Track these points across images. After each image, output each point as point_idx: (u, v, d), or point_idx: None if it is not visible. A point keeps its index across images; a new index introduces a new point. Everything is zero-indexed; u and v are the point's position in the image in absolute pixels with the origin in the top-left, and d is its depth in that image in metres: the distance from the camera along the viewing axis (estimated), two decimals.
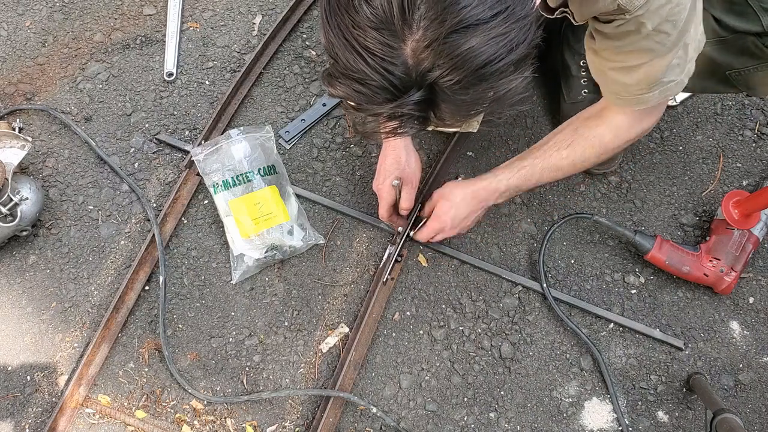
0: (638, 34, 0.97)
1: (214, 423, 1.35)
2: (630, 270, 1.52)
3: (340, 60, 0.74)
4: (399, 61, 0.71)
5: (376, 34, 0.70)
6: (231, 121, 1.61)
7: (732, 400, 1.43)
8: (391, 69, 0.71)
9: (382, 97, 0.74)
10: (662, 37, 0.97)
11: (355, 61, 0.72)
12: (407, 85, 0.73)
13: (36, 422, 1.33)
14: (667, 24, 0.96)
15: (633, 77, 1.05)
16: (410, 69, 0.71)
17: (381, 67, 0.71)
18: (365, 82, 0.73)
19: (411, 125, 0.79)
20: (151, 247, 1.46)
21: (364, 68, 0.72)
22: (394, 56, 0.71)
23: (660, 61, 1.01)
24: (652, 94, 1.07)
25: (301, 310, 1.45)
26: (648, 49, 0.99)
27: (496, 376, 1.42)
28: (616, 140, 1.21)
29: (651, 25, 0.95)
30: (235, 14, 1.76)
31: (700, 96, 1.70)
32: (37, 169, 1.54)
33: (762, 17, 1.15)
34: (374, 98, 0.75)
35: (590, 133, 1.21)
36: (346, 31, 0.72)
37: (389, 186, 1.37)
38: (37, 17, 1.72)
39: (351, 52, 0.72)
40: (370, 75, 0.72)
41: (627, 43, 1.00)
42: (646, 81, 1.05)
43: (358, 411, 1.38)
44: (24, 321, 1.41)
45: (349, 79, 0.74)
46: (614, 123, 1.19)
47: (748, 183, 1.63)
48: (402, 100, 0.74)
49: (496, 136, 1.64)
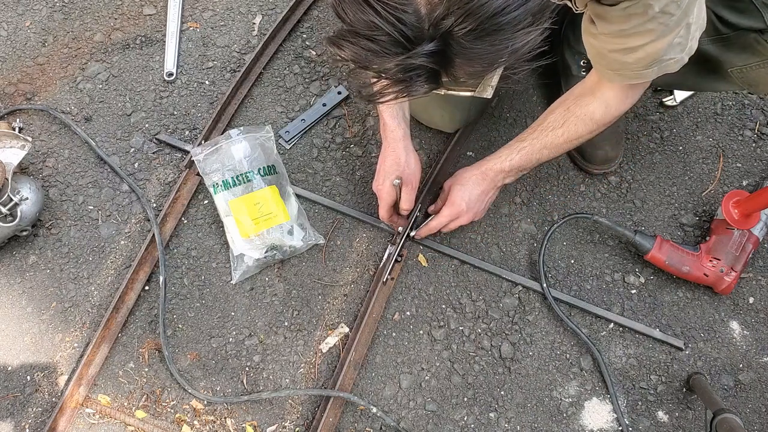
0: (644, 16, 0.96)
1: (214, 423, 1.36)
2: (630, 270, 1.52)
3: (348, 15, 0.71)
4: (411, 9, 0.69)
5: None
6: (231, 121, 1.61)
7: (732, 400, 1.43)
8: (403, 18, 0.69)
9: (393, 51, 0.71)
10: (666, 18, 0.97)
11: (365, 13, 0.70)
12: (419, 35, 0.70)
13: (36, 422, 1.33)
14: (672, 5, 0.95)
15: (633, 57, 1.06)
16: (423, 18, 0.69)
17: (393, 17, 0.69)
18: (375, 37, 0.71)
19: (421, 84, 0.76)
20: (151, 247, 1.46)
21: (375, 19, 0.69)
22: (405, 4, 0.68)
23: (662, 41, 1.01)
24: (651, 69, 1.08)
25: (301, 310, 1.45)
26: (651, 30, 0.99)
27: (496, 376, 1.42)
28: (606, 116, 1.24)
29: (658, 7, 0.94)
30: (235, 14, 1.76)
31: (700, 96, 1.70)
32: (37, 169, 1.54)
33: (764, 14, 1.14)
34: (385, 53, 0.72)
35: (582, 111, 1.25)
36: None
37: (389, 186, 1.37)
38: (37, 17, 1.72)
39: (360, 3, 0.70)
40: (381, 26, 0.70)
41: (631, 26, 0.99)
42: (646, 59, 1.06)
43: (358, 411, 1.38)
44: (24, 321, 1.41)
45: (358, 36, 0.72)
46: (605, 98, 1.22)
47: (748, 183, 1.63)
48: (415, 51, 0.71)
49: (496, 137, 1.64)
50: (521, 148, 1.32)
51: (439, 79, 0.76)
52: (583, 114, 1.25)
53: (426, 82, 0.76)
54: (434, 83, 0.77)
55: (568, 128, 1.27)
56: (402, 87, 0.76)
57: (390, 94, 0.78)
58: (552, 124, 1.29)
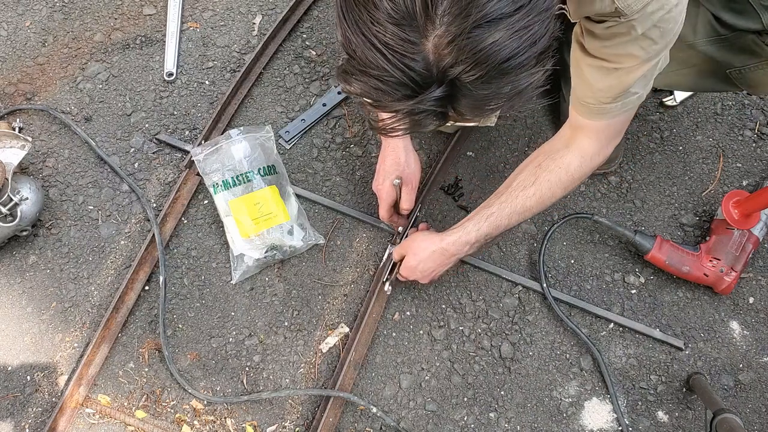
0: (627, 36, 0.96)
1: (214, 423, 1.35)
2: (630, 270, 1.52)
3: (357, 56, 0.72)
4: (420, 57, 0.70)
5: (396, 30, 0.68)
6: (231, 121, 1.61)
7: (732, 400, 1.43)
8: (411, 65, 0.70)
9: (401, 94, 0.73)
10: (648, 43, 0.97)
11: (374, 58, 0.71)
12: (428, 81, 0.71)
13: (36, 422, 1.33)
14: (655, 30, 0.95)
15: (605, 81, 1.04)
16: (431, 65, 0.70)
17: (401, 63, 0.70)
18: (384, 78, 0.72)
19: (429, 121, 0.78)
20: (151, 247, 1.46)
21: (384, 64, 0.70)
22: (414, 52, 0.69)
23: (636, 70, 1.00)
24: (615, 105, 1.07)
25: (301, 310, 1.45)
26: (630, 54, 0.98)
27: (496, 376, 1.42)
28: (582, 167, 1.18)
29: (641, 29, 0.95)
30: (235, 14, 1.76)
31: (700, 96, 1.70)
32: (37, 169, 1.54)
33: (762, 15, 1.15)
34: (393, 95, 0.73)
35: (555, 165, 1.19)
36: (364, 27, 0.70)
37: (389, 186, 1.37)
38: (37, 17, 1.72)
39: (370, 48, 0.70)
40: (389, 71, 0.71)
41: (614, 44, 0.99)
42: (615, 88, 1.04)
43: (358, 411, 1.38)
44: (24, 321, 1.41)
45: (367, 76, 0.73)
46: (580, 149, 1.17)
47: (748, 183, 1.63)
48: (422, 96, 0.72)
49: (496, 136, 1.64)
50: (488, 215, 1.23)
51: (446, 116, 0.79)
52: (556, 167, 1.18)
53: (434, 119, 0.78)
54: (442, 120, 0.79)
55: (540, 187, 1.19)
56: (412, 124, 0.78)
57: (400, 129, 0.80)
58: (522, 183, 1.21)
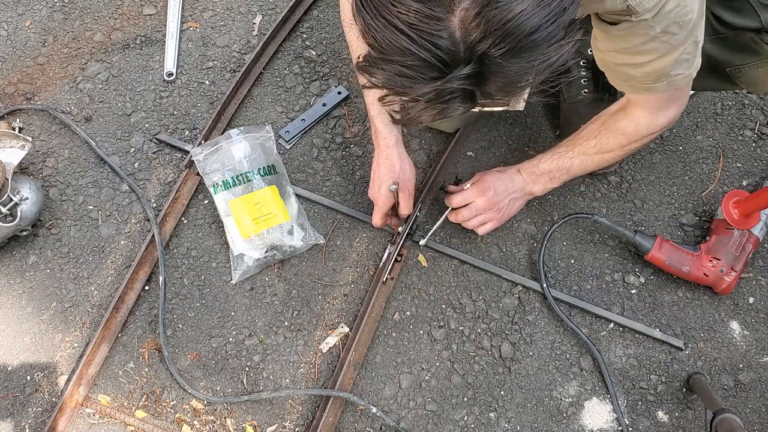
0: (645, 37, 0.96)
1: (214, 423, 1.36)
2: (630, 270, 1.52)
3: (379, 42, 0.70)
4: (446, 34, 0.67)
5: (420, 6, 0.66)
6: (231, 121, 1.61)
7: (732, 400, 1.43)
8: (437, 42, 0.67)
9: (428, 76, 0.70)
10: (669, 37, 0.97)
11: (398, 40, 0.68)
12: (455, 59, 0.69)
13: (36, 422, 1.33)
14: (674, 25, 0.95)
15: (640, 71, 1.06)
16: (458, 41, 0.68)
17: (427, 42, 0.67)
18: (408, 63, 0.69)
19: (457, 105, 0.74)
20: (151, 247, 1.46)
21: (409, 45, 0.68)
22: (440, 29, 0.67)
23: (667, 57, 1.02)
24: (660, 84, 1.09)
25: (301, 310, 1.45)
26: (654, 49, 0.99)
27: (496, 376, 1.42)
28: (636, 133, 1.25)
29: (659, 28, 0.95)
30: (235, 14, 1.76)
31: (700, 96, 1.70)
32: (37, 169, 1.54)
33: (761, 13, 1.15)
34: (419, 78, 0.70)
35: (615, 126, 1.27)
36: (385, 10, 0.67)
37: (385, 193, 1.36)
38: (37, 17, 1.72)
39: (392, 30, 0.68)
40: (415, 52, 0.68)
41: (633, 45, 0.99)
42: (652, 74, 1.06)
43: (358, 411, 1.38)
44: (24, 321, 1.41)
45: (391, 63, 0.70)
46: (635, 117, 1.23)
47: (748, 183, 1.63)
48: (450, 76, 0.69)
49: (496, 136, 1.64)
50: (555, 153, 1.35)
51: (475, 99, 0.75)
52: (614, 128, 1.27)
53: (462, 103, 0.75)
54: (470, 103, 0.76)
55: (600, 140, 1.29)
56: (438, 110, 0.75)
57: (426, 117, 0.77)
58: (587, 135, 1.32)
